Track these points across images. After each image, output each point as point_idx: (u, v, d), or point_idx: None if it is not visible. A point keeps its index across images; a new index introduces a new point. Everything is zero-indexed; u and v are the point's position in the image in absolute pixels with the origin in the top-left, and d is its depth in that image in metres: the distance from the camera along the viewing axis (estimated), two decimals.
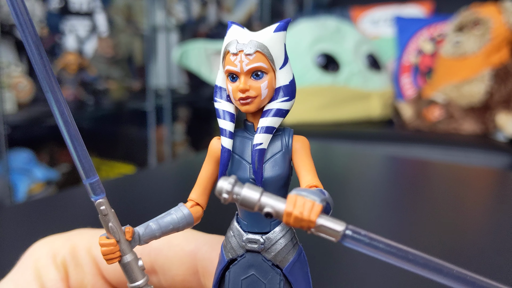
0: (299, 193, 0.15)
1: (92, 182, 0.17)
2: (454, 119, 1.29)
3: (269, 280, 0.19)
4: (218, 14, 1.94)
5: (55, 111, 0.16)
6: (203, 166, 0.20)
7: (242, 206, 0.16)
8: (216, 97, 0.19)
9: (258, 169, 0.18)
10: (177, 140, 1.76)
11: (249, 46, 0.18)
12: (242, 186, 0.16)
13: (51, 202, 0.51)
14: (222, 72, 0.19)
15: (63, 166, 1.49)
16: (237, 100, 0.18)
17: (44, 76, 0.15)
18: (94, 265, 0.22)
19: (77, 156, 0.17)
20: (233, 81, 0.18)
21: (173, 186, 0.58)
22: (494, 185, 0.64)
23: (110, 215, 0.18)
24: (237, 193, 0.16)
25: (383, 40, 1.66)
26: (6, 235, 0.39)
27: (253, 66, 0.18)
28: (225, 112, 0.19)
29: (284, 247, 0.18)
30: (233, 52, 0.18)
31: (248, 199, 0.16)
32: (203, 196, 0.20)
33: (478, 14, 1.34)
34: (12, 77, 1.19)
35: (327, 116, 1.38)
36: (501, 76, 1.26)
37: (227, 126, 0.18)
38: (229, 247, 0.19)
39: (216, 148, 0.19)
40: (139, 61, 1.70)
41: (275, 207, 0.15)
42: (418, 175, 0.68)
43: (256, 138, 0.18)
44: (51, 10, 1.41)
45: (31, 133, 1.45)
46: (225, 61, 0.18)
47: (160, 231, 0.18)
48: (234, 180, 0.16)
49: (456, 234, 0.43)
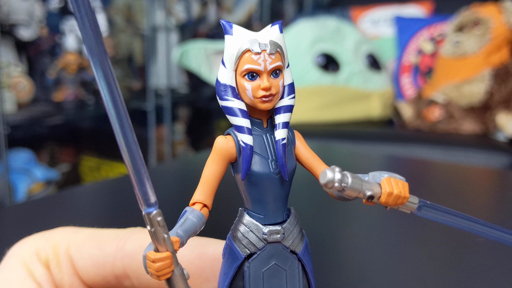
0: (391, 175, 0.18)
1: (146, 190, 0.16)
2: (454, 119, 1.29)
3: (289, 266, 0.19)
4: (218, 14, 1.94)
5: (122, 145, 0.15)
6: (210, 166, 0.19)
7: (346, 193, 0.17)
8: (227, 96, 0.19)
9: (284, 163, 0.19)
10: (177, 140, 1.76)
11: (271, 45, 0.18)
12: (345, 174, 0.16)
13: (51, 202, 0.51)
14: (230, 71, 0.19)
15: (63, 166, 1.49)
16: (258, 98, 0.19)
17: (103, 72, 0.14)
18: (71, 265, 0.22)
19: (134, 169, 0.15)
20: (253, 79, 0.18)
21: (173, 186, 0.58)
22: (494, 185, 0.64)
23: (166, 226, 0.17)
24: (345, 182, 0.16)
25: (383, 40, 1.66)
26: (6, 235, 0.39)
27: (276, 65, 0.19)
28: (239, 110, 0.19)
29: (298, 233, 0.20)
30: (256, 51, 0.18)
31: (355, 186, 0.17)
32: (210, 197, 0.20)
33: (478, 14, 1.34)
34: (12, 77, 1.19)
35: (327, 116, 1.38)
36: (501, 76, 1.26)
37: (245, 123, 0.19)
38: (246, 243, 0.19)
39: (227, 147, 0.19)
40: (139, 61, 1.70)
41: (374, 190, 0.17)
42: (418, 175, 0.68)
43: (278, 134, 0.19)
44: (51, 10, 1.41)
45: (31, 133, 1.45)
46: (242, 60, 0.18)
47: (187, 237, 0.18)
48: (340, 169, 0.16)
49: (456, 234, 0.43)
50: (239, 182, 0.19)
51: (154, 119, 1.55)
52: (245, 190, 0.19)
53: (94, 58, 0.14)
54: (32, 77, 1.29)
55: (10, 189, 1.12)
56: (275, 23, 0.19)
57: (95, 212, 0.46)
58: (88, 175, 1.58)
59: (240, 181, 0.19)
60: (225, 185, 0.20)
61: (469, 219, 0.19)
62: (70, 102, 1.31)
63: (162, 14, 1.60)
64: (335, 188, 0.16)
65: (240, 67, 0.19)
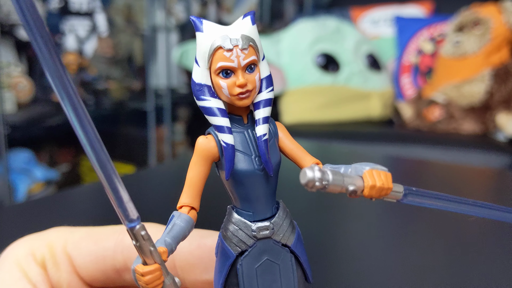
0: (373, 166, 0.17)
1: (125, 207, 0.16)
2: (454, 119, 1.29)
3: (282, 260, 0.19)
4: (218, 14, 1.94)
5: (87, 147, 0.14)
6: (193, 168, 0.19)
7: (328, 190, 0.16)
8: (204, 96, 0.18)
9: (268, 159, 0.19)
10: (177, 140, 1.76)
11: (242, 40, 0.18)
12: (325, 171, 0.16)
13: (51, 202, 0.51)
14: (204, 69, 0.18)
15: (63, 166, 1.49)
16: (235, 95, 0.18)
17: (58, 81, 0.13)
18: (69, 263, 0.22)
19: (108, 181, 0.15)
20: (227, 77, 0.18)
21: (173, 186, 0.58)
22: (494, 185, 0.64)
23: (151, 239, 0.16)
24: (326, 180, 0.16)
25: (383, 40, 1.66)
26: (6, 235, 0.39)
27: (250, 60, 0.18)
28: (218, 109, 0.18)
29: (288, 226, 0.20)
30: (228, 48, 0.18)
31: (336, 182, 0.16)
32: (197, 199, 0.19)
33: (478, 14, 1.34)
34: (12, 77, 1.19)
35: (327, 116, 1.38)
36: (501, 76, 1.26)
37: (224, 122, 0.18)
38: (237, 241, 0.19)
39: (208, 147, 0.19)
40: (139, 61, 1.70)
41: (357, 184, 0.17)
42: (418, 175, 0.68)
43: (259, 130, 0.19)
44: (51, 10, 1.41)
45: (31, 133, 1.44)
46: (214, 58, 0.18)
47: (176, 244, 0.18)
48: (319, 168, 0.16)
49: (456, 234, 0.43)
50: (225, 181, 0.19)
51: (154, 119, 1.55)
52: (231, 189, 0.19)
53: (51, 75, 0.13)
54: (32, 77, 1.29)
55: (10, 189, 1.12)
56: (247, 15, 0.19)
57: (95, 212, 0.46)
58: (88, 175, 1.58)
59: (224, 182, 0.19)
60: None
61: (457, 201, 0.19)
62: None
63: (162, 14, 1.60)
64: (316, 187, 0.16)
65: (213, 65, 0.18)
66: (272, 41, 1.47)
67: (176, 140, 1.76)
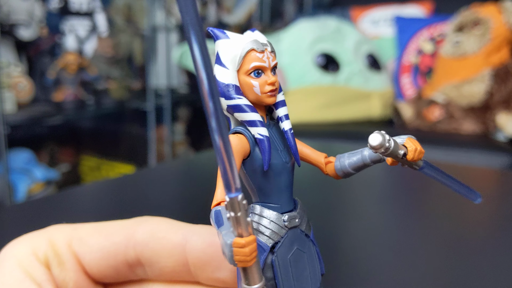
0: (407, 136, 0.20)
1: (234, 175, 0.16)
2: (454, 119, 1.29)
3: (307, 249, 0.21)
4: (218, 14, 1.94)
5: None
6: None
7: (387, 154, 0.19)
8: (234, 95, 0.20)
9: (297, 151, 0.21)
10: (177, 140, 1.76)
11: (269, 45, 0.20)
12: (389, 138, 0.19)
13: (51, 202, 0.51)
14: (233, 71, 0.20)
15: (63, 166, 1.49)
16: (265, 93, 0.20)
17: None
18: (76, 261, 0.22)
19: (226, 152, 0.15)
20: (258, 76, 0.20)
21: (173, 186, 0.58)
22: (494, 185, 0.64)
23: (247, 211, 0.16)
24: (390, 145, 0.19)
25: (383, 40, 1.66)
26: (6, 235, 0.39)
27: (275, 63, 0.20)
28: (248, 106, 0.20)
29: (306, 217, 0.21)
30: (261, 50, 0.20)
31: (395, 148, 0.19)
32: None
33: (478, 14, 1.34)
34: (12, 77, 1.19)
35: (327, 116, 1.38)
36: (501, 76, 1.26)
37: (256, 117, 0.20)
38: (270, 233, 0.20)
39: (242, 143, 0.20)
40: (139, 61, 1.70)
41: (403, 150, 0.20)
42: (418, 175, 0.68)
43: (285, 125, 0.21)
44: (51, 10, 1.41)
45: (31, 133, 1.45)
46: (246, 59, 0.20)
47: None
48: (385, 133, 0.19)
49: (456, 234, 0.43)
50: (253, 176, 0.20)
51: (154, 119, 1.55)
52: (260, 183, 0.20)
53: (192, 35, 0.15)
54: (32, 77, 1.29)
55: (10, 189, 1.12)
56: (253, 30, 0.21)
57: (95, 212, 0.46)
58: (88, 175, 1.58)
59: (254, 176, 0.20)
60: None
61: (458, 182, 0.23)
62: (70, 102, 1.31)
63: (162, 14, 1.60)
64: (382, 150, 0.18)
65: (245, 66, 0.20)
66: (272, 41, 1.47)
67: (176, 140, 1.76)
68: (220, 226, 0.18)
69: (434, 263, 0.36)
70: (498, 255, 0.37)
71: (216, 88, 0.15)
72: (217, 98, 0.15)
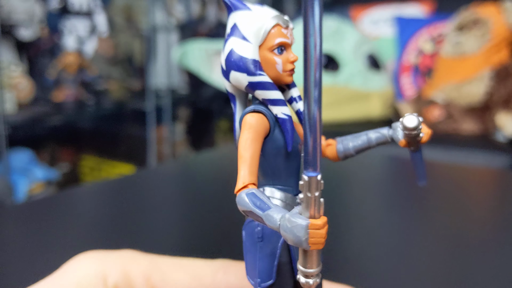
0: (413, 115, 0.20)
1: (319, 154, 0.15)
2: (454, 119, 1.29)
3: None
4: (218, 14, 1.94)
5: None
6: (252, 145, 0.18)
7: (415, 136, 0.20)
8: (260, 71, 0.19)
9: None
10: (177, 140, 1.76)
11: (290, 22, 0.19)
12: (419, 118, 0.20)
13: (51, 202, 0.51)
14: (255, 46, 0.19)
15: (63, 166, 1.49)
16: (287, 71, 0.19)
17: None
18: None
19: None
20: (281, 53, 0.19)
21: (173, 186, 0.58)
22: (494, 185, 0.64)
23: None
24: (421, 126, 0.20)
25: (383, 40, 1.66)
26: (6, 235, 0.39)
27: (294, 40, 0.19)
28: (272, 84, 0.19)
29: None
30: (285, 26, 0.19)
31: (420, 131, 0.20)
32: (257, 176, 0.19)
33: (478, 14, 1.34)
34: (12, 77, 1.19)
35: (327, 116, 1.38)
36: (501, 76, 1.26)
37: (280, 95, 0.19)
38: None
39: (264, 123, 0.19)
40: (139, 61, 1.70)
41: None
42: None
43: (300, 105, 0.20)
44: (51, 10, 1.41)
45: (31, 133, 1.45)
46: (271, 34, 0.19)
47: None
48: (416, 114, 0.19)
49: (456, 234, 0.43)
50: (269, 158, 0.19)
51: (154, 119, 1.55)
52: (276, 165, 0.19)
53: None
54: (32, 77, 1.29)
55: (10, 189, 1.12)
56: (262, 5, 0.20)
57: (95, 213, 0.46)
58: (88, 175, 1.58)
59: (270, 157, 0.19)
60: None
61: (423, 166, 0.24)
62: (70, 103, 1.31)
63: (162, 14, 1.60)
64: (415, 132, 0.19)
65: (269, 42, 0.18)
66: None
67: (176, 140, 1.76)
68: (265, 209, 0.16)
69: (435, 262, 0.36)
70: (498, 255, 0.37)
71: (322, 58, 0.14)
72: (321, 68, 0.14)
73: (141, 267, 0.20)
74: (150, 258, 0.21)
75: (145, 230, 0.40)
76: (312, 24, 0.13)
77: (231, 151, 0.76)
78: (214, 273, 0.21)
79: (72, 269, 0.19)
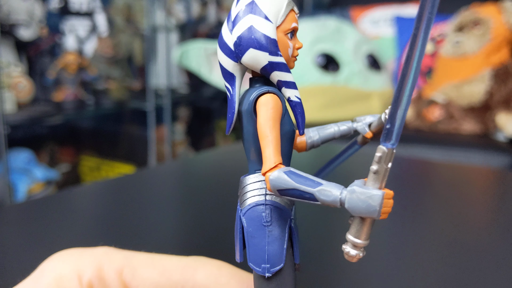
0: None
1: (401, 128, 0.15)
2: (454, 119, 1.29)
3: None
4: (218, 14, 1.94)
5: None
6: (275, 126, 0.18)
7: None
8: (279, 51, 0.18)
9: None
10: (177, 140, 1.76)
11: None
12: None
13: (51, 202, 0.51)
14: (275, 26, 0.18)
15: (63, 166, 1.49)
16: (294, 57, 0.19)
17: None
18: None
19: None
20: (291, 38, 0.18)
21: (173, 186, 0.58)
22: (494, 185, 0.64)
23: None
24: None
25: (383, 40, 1.66)
26: (6, 235, 0.39)
27: None
28: (287, 66, 0.18)
29: None
30: (297, 12, 0.18)
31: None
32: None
33: (478, 14, 1.34)
34: (12, 77, 1.19)
35: (327, 116, 1.38)
36: (501, 76, 1.26)
37: (293, 78, 0.19)
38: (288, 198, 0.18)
39: (280, 105, 0.18)
40: (139, 61, 1.70)
41: None
42: (418, 175, 0.68)
43: (289, 92, 0.20)
44: (51, 10, 1.41)
45: (31, 133, 1.45)
46: (288, 18, 0.18)
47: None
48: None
49: (456, 233, 0.43)
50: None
51: (154, 119, 1.55)
52: (282, 149, 0.19)
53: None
54: (32, 77, 1.29)
55: (10, 189, 1.12)
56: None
57: (95, 212, 0.46)
58: (88, 175, 1.58)
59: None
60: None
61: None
62: (70, 102, 1.31)
63: (162, 14, 1.60)
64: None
65: (286, 25, 0.18)
66: None
67: (176, 140, 1.76)
68: (316, 185, 0.16)
69: (434, 262, 0.36)
70: (498, 255, 0.37)
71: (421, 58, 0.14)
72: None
73: (114, 263, 0.20)
74: (124, 254, 0.21)
75: (145, 230, 0.40)
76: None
77: (231, 151, 0.76)
78: (183, 270, 0.21)
79: (48, 269, 0.20)
